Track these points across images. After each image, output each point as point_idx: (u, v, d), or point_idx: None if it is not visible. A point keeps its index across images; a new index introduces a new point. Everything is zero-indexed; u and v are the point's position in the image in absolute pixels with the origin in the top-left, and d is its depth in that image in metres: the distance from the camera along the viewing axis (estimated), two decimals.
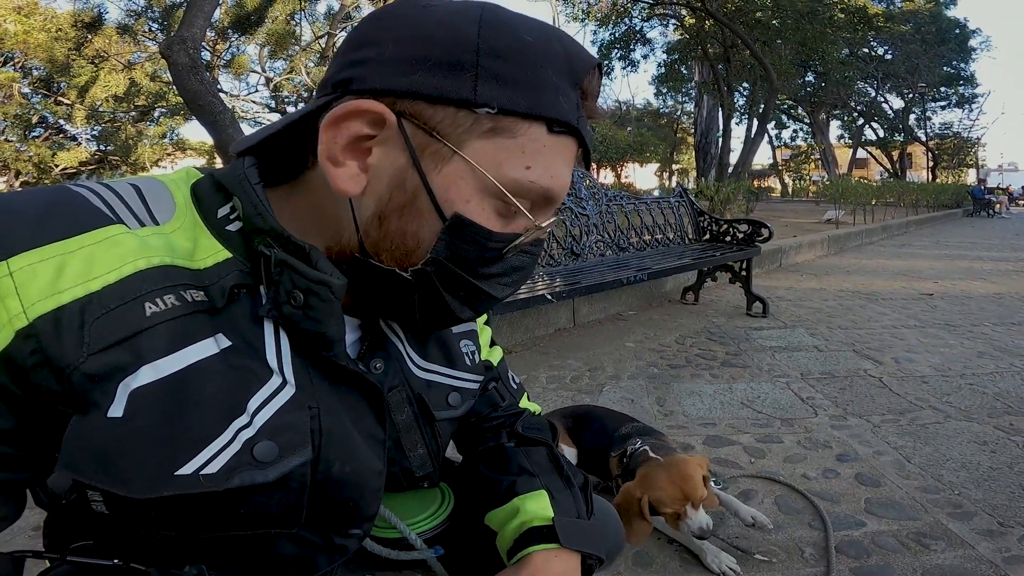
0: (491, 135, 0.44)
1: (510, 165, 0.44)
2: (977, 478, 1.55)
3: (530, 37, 0.45)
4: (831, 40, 11.60)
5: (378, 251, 0.46)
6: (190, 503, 0.42)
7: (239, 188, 0.46)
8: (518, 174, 0.45)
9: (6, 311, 0.36)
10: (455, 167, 0.44)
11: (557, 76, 0.45)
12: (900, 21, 19.04)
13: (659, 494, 1.14)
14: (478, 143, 0.44)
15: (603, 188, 3.41)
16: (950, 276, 5.15)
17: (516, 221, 0.48)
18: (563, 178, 0.48)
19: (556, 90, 0.44)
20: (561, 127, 0.45)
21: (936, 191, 15.75)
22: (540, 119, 0.44)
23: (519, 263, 0.51)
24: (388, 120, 0.43)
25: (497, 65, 0.43)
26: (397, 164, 0.44)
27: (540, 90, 0.44)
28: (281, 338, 0.47)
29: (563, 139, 0.46)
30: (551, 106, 0.44)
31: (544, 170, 0.46)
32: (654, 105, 26.91)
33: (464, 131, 0.43)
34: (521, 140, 0.44)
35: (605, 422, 1.48)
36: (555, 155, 0.46)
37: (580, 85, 0.46)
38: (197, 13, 3.39)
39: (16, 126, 11.60)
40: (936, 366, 2.52)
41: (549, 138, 0.45)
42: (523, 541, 0.61)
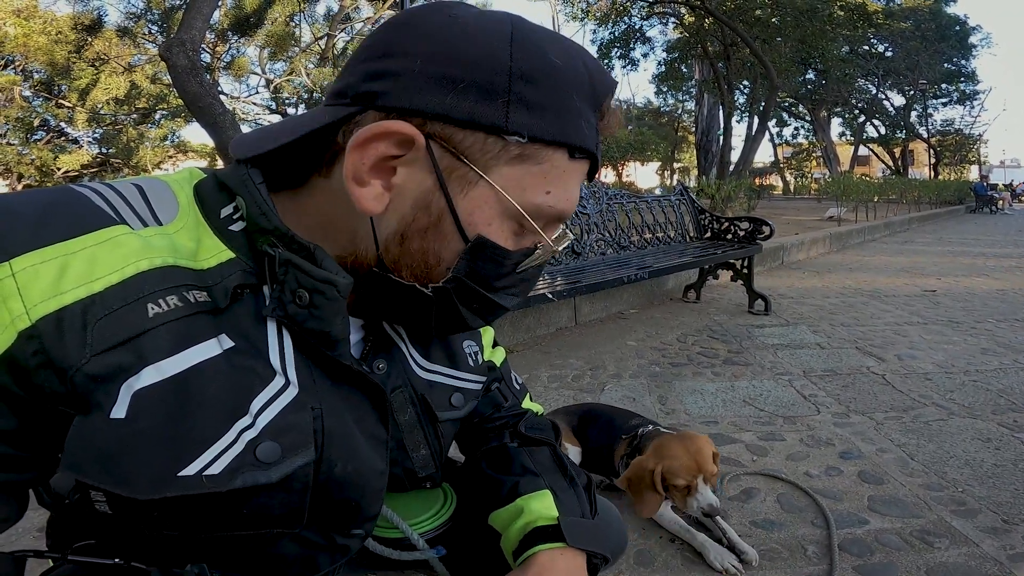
0: (518, 161, 0.45)
1: (533, 191, 0.46)
2: (981, 475, 1.54)
3: (559, 60, 0.45)
4: (831, 37, 11.58)
5: (398, 267, 0.47)
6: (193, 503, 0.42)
7: (243, 188, 0.46)
8: (540, 199, 0.46)
9: (8, 312, 0.36)
10: (481, 191, 0.45)
11: (581, 101, 0.46)
12: (900, 18, 19.00)
13: (673, 463, 1.14)
14: (505, 169, 0.45)
15: (604, 187, 3.41)
16: (953, 273, 5.13)
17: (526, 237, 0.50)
18: (576, 199, 0.50)
19: (580, 116, 0.46)
20: (582, 154, 0.47)
21: (938, 188, 15.71)
22: (564, 146, 0.45)
23: (528, 275, 0.52)
24: (417, 142, 0.43)
25: (528, 91, 0.43)
26: (423, 186, 0.45)
27: (566, 117, 0.45)
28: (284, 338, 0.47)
29: (581, 163, 0.48)
30: (575, 133, 0.45)
31: (562, 193, 0.47)
32: (655, 104, 26.87)
33: (492, 157, 0.44)
34: (545, 167, 0.46)
35: (613, 419, 1.48)
36: (572, 179, 0.48)
37: (600, 108, 0.48)
38: (196, 15, 3.39)
39: (18, 129, 11.63)
40: (939, 363, 2.51)
41: (569, 164, 0.47)
42: (528, 541, 0.61)
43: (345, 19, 14.48)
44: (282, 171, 0.50)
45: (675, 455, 1.15)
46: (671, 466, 1.14)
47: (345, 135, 0.45)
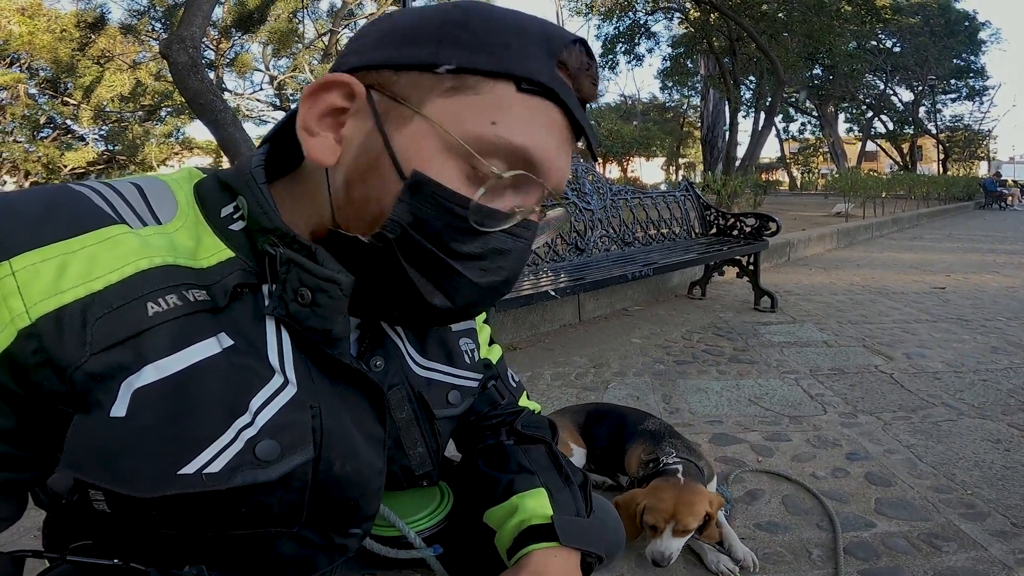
0: (452, 93, 0.43)
1: (473, 120, 0.43)
2: (991, 477, 1.52)
3: (498, 15, 0.45)
4: (838, 33, 11.49)
5: (347, 220, 0.46)
6: (192, 502, 0.42)
7: (245, 188, 0.47)
8: (483, 129, 0.43)
9: (8, 311, 0.37)
10: (417, 126, 0.43)
11: (528, 45, 0.44)
12: (908, 13, 18.87)
13: (654, 503, 1.14)
14: (439, 101, 0.43)
15: (608, 182, 3.39)
16: (962, 269, 5.09)
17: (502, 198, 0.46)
18: (544, 143, 0.45)
19: (526, 54, 0.43)
20: (532, 86, 0.43)
21: (947, 184, 15.62)
22: (506, 77, 0.43)
23: (501, 245, 0.46)
24: (357, 91, 0.45)
25: (461, 33, 0.43)
26: (365, 131, 0.45)
27: (506, 51, 0.43)
28: (283, 338, 0.47)
29: (536, 100, 0.44)
30: (517, 64, 0.43)
31: (516, 127, 0.43)
32: (660, 99, 26.83)
33: (425, 92, 0.43)
34: (486, 97, 0.43)
35: (625, 418, 1.47)
36: (529, 115, 0.44)
37: (558, 57, 0.45)
38: (196, 12, 3.39)
39: (24, 127, 11.71)
40: (948, 362, 2.49)
41: (519, 96, 0.43)
42: (522, 540, 0.61)
43: (348, 15, 14.48)
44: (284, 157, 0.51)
45: (661, 498, 1.14)
46: (652, 505, 1.14)
47: None
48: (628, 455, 1.37)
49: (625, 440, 1.40)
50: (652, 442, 1.34)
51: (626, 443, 1.39)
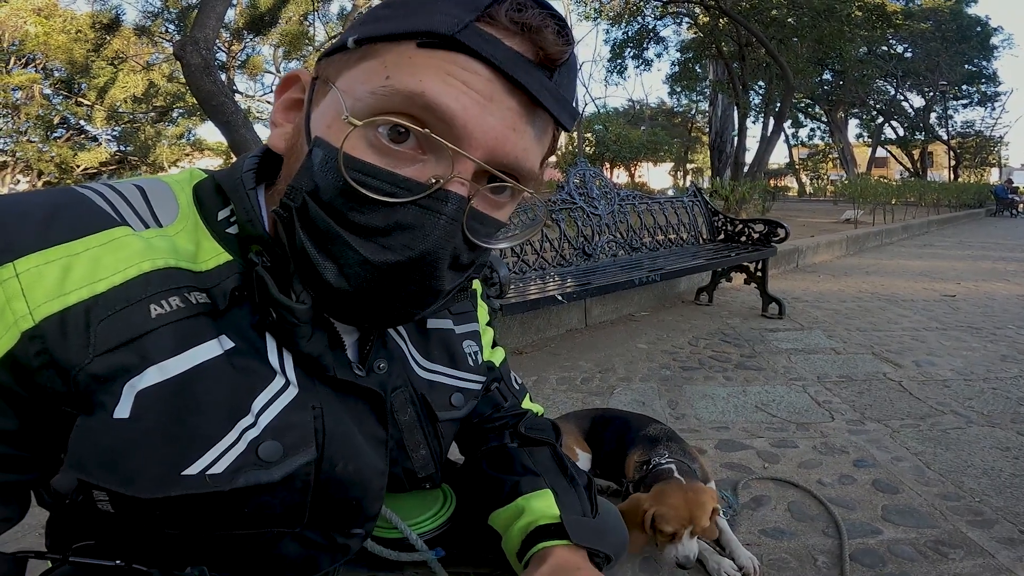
0: (358, 62, 0.43)
1: (370, 82, 0.42)
2: (999, 485, 1.51)
3: None
4: (848, 38, 11.41)
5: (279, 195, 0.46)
6: (195, 502, 0.42)
7: (235, 193, 0.47)
8: (374, 85, 0.41)
9: (12, 312, 0.37)
10: (328, 99, 0.44)
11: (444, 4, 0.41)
12: (919, 19, 18.72)
13: (666, 510, 1.14)
14: (348, 73, 0.44)
15: (615, 187, 3.39)
16: (973, 277, 5.04)
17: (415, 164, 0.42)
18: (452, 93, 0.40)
19: (434, 10, 0.41)
20: (432, 39, 0.40)
21: (958, 190, 15.44)
22: (405, 37, 0.41)
23: (408, 219, 0.41)
24: (304, 80, 0.48)
25: (380, 10, 0.45)
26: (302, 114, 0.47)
27: (411, 15, 0.42)
28: None
29: (444, 54, 0.40)
30: (419, 22, 0.41)
31: (409, 77, 0.40)
32: (668, 104, 26.73)
33: (340, 67, 0.44)
34: (384, 58, 0.42)
35: (629, 423, 1.47)
36: (430, 67, 0.40)
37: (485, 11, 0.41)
38: (209, 14, 3.42)
39: (38, 127, 11.85)
40: (958, 370, 2.46)
41: (420, 52, 0.41)
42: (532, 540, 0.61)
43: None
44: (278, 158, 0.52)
45: (672, 503, 1.14)
46: (664, 512, 1.14)
47: None
48: (627, 460, 1.37)
49: (627, 446, 1.40)
50: (648, 446, 1.35)
51: (628, 448, 1.39)
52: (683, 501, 1.14)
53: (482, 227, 0.46)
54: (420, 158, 0.42)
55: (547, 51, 0.42)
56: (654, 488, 1.20)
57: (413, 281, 0.43)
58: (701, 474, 1.31)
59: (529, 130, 0.44)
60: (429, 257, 0.42)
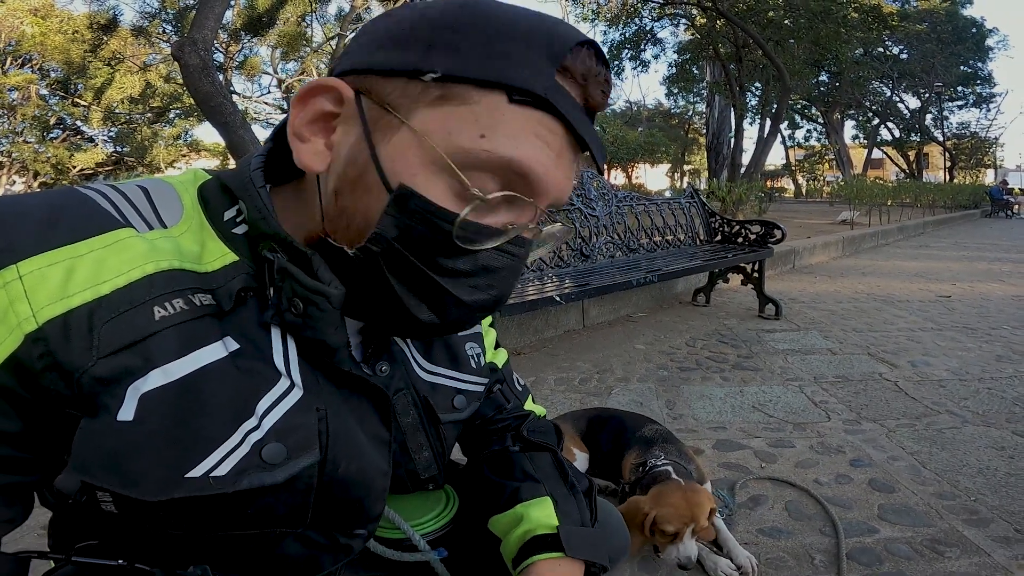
0: (440, 103, 0.41)
1: (460, 134, 0.40)
2: (994, 484, 1.52)
3: (499, 13, 0.42)
4: (845, 40, 11.44)
5: (335, 229, 0.45)
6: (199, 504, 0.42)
7: (244, 192, 0.47)
8: (470, 144, 0.40)
9: (16, 315, 0.37)
10: (403, 137, 0.42)
11: (526, 49, 0.41)
12: (915, 20, 18.81)
13: (667, 511, 1.14)
14: (426, 112, 0.41)
15: (613, 189, 3.39)
16: (968, 278, 5.06)
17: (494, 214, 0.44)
18: (537, 157, 0.42)
19: (521, 61, 0.40)
20: (525, 96, 0.40)
21: (953, 191, 15.52)
22: (496, 86, 0.40)
23: (491, 262, 0.44)
24: (346, 96, 0.44)
25: (453, 37, 0.41)
26: (353, 139, 0.44)
27: (497, 58, 0.40)
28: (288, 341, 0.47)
29: (531, 111, 0.41)
30: (511, 72, 0.40)
31: (506, 140, 0.41)
32: (665, 105, 26.81)
33: (412, 101, 0.41)
34: (474, 108, 0.40)
35: (624, 423, 1.47)
36: (521, 128, 0.41)
37: (561, 62, 0.41)
38: (207, 15, 3.41)
39: (34, 127, 11.78)
40: (953, 370, 2.48)
41: (511, 108, 0.40)
42: (527, 550, 0.61)
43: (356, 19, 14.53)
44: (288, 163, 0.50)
45: (672, 503, 1.15)
46: (665, 513, 1.15)
47: None
48: (623, 462, 1.38)
49: (624, 446, 1.40)
50: (644, 447, 1.35)
51: (624, 449, 1.39)
52: (683, 502, 1.15)
53: None
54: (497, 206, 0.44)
55: (596, 102, 0.45)
56: (652, 490, 1.20)
57: (488, 311, 0.48)
58: (697, 475, 1.32)
59: (574, 175, 0.47)
60: (507, 293, 0.48)
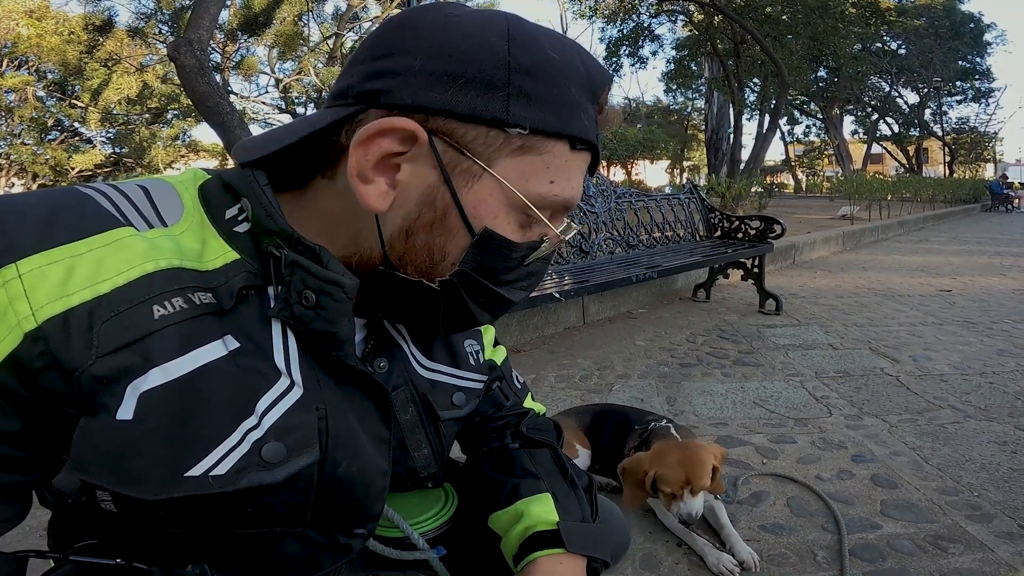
0: (520, 153, 0.45)
1: (536, 181, 0.46)
2: (997, 479, 1.51)
3: (555, 54, 0.46)
4: (843, 35, 11.43)
5: (403, 264, 0.47)
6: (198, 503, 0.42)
7: (248, 189, 0.47)
8: (543, 189, 0.46)
9: (15, 313, 0.37)
10: (486, 184, 0.45)
11: (579, 93, 0.46)
12: (913, 15, 18.81)
13: (666, 471, 1.16)
14: (508, 161, 0.45)
15: (612, 185, 3.39)
16: (969, 272, 5.06)
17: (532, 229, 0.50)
18: (579, 188, 0.50)
19: (579, 108, 0.46)
20: (583, 145, 0.47)
21: (953, 186, 15.53)
22: (565, 137, 0.46)
23: (535, 268, 0.52)
24: (420, 138, 0.43)
25: (527, 83, 0.44)
26: (428, 181, 0.44)
27: (566, 109, 0.45)
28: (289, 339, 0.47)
29: (583, 155, 0.48)
30: (576, 125, 0.46)
31: (566, 183, 0.48)
32: (664, 102, 26.79)
33: (495, 150, 0.44)
34: (547, 157, 0.46)
35: (628, 417, 1.48)
36: (575, 169, 0.48)
37: (598, 100, 0.48)
38: (203, 15, 3.40)
39: (32, 129, 11.78)
40: (955, 364, 2.48)
41: (571, 154, 0.47)
42: (528, 546, 0.61)
43: (353, 18, 14.53)
44: (286, 173, 0.50)
45: (670, 463, 1.17)
46: (663, 473, 1.17)
47: (348, 134, 0.45)
48: (625, 450, 1.38)
49: (626, 437, 1.41)
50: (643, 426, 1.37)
51: (625, 440, 1.40)
52: (680, 461, 1.17)
53: None
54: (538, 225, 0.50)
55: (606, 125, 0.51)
56: (653, 447, 1.21)
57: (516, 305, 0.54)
58: None
59: None
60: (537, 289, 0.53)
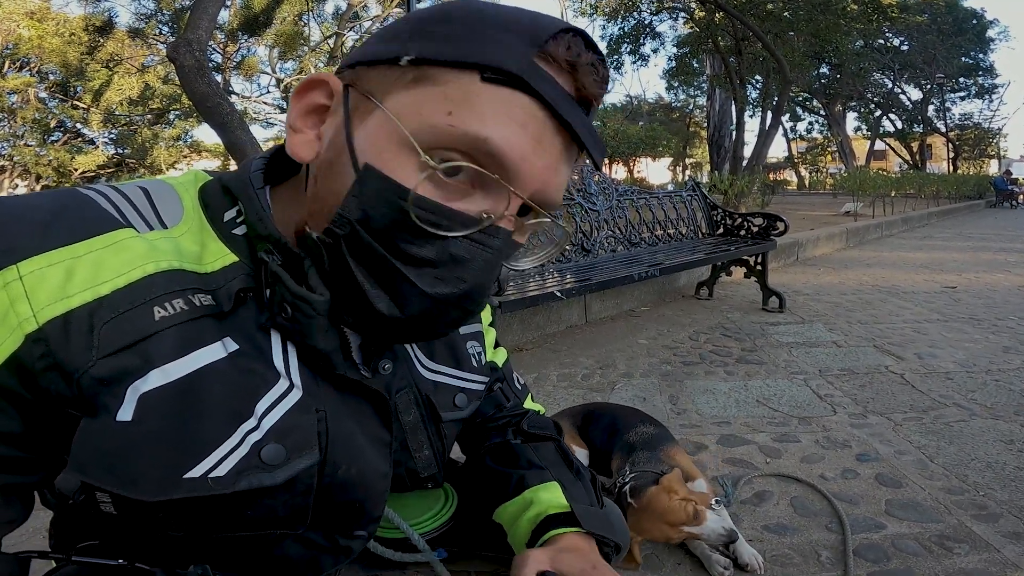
0: (414, 85, 0.41)
1: (430, 111, 0.40)
2: (1003, 478, 1.50)
3: (487, 8, 0.43)
4: (845, 31, 11.39)
5: (312, 214, 0.45)
6: (198, 505, 0.42)
7: (243, 193, 0.47)
8: (438, 119, 0.40)
9: (16, 315, 0.37)
10: (376, 119, 0.42)
11: (504, 33, 0.41)
12: (915, 12, 18.73)
13: (655, 535, 1.14)
14: (400, 94, 0.41)
15: (614, 183, 3.38)
16: (973, 268, 5.03)
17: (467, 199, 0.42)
18: (511, 136, 0.40)
19: (497, 43, 0.40)
20: (498, 75, 0.40)
21: (957, 182, 15.48)
22: (470, 67, 0.40)
23: (460, 252, 0.42)
24: (335, 88, 0.45)
25: (435, 26, 0.42)
26: (336, 126, 0.44)
27: (473, 42, 0.40)
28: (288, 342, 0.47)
29: (505, 91, 0.40)
30: (484, 53, 0.40)
31: (473, 116, 0.40)
32: (666, 99, 26.73)
33: (389, 85, 0.42)
34: (446, 88, 0.40)
35: (617, 420, 1.46)
36: (494, 107, 0.40)
37: (543, 48, 0.41)
38: (202, 15, 3.41)
39: (35, 130, 11.82)
40: (960, 362, 2.46)
41: (483, 87, 0.40)
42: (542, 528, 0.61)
43: (354, 18, 14.53)
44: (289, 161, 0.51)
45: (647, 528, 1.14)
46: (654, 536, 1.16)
47: None
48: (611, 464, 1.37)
49: (612, 448, 1.40)
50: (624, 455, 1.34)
51: (613, 450, 1.39)
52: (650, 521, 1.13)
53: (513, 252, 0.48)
54: (470, 192, 0.43)
55: (589, 91, 0.43)
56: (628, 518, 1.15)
57: (460, 309, 0.45)
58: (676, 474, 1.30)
59: (565, 169, 0.45)
60: (477, 288, 0.44)
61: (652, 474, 1.22)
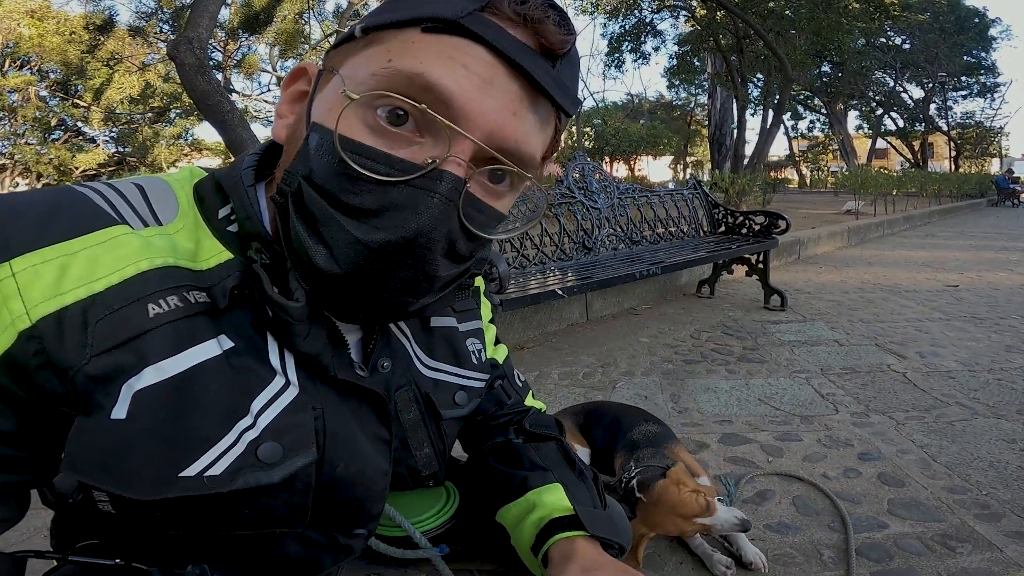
0: (364, 49, 0.44)
1: (373, 65, 0.42)
2: (1006, 478, 1.50)
3: None
4: (846, 30, 11.37)
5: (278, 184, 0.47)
6: (195, 504, 0.42)
7: (233, 190, 0.47)
8: (377, 67, 0.41)
9: (9, 312, 0.37)
10: (331, 84, 0.45)
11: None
12: (917, 10, 18.70)
13: (668, 528, 1.13)
14: (353, 59, 0.44)
15: (615, 181, 3.38)
16: (976, 267, 5.02)
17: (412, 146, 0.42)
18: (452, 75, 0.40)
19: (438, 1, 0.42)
20: (436, 23, 0.41)
21: (959, 181, 15.45)
22: (411, 22, 0.42)
23: (401, 200, 0.41)
24: (311, 73, 0.48)
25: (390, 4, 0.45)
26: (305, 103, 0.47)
27: (418, 5, 0.42)
28: None
29: (447, 38, 0.41)
30: (425, 9, 0.41)
31: (408, 58, 0.41)
32: (667, 98, 26.69)
33: (345, 56, 0.45)
34: (390, 44, 0.42)
35: (619, 419, 1.45)
36: (433, 49, 0.41)
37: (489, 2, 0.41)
38: (202, 13, 3.41)
39: (36, 129, 11.85)
40: (962, 360, 2.45)
41: (423, 36, 0.41)
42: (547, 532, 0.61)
43: (354, 15, 14.51)
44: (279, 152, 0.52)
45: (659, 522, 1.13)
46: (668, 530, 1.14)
47: None
48: (614, 463, 1.37)
49: (615, 448, 1.39)
50: (628, 453, 1.33)
51: (615, 450, 1.38)
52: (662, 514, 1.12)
53: (480, 215, 0.45)
54: (417, 140, 0.42)
55: (549, 41, 0.42)
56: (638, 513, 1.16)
57: (405, 264, 0.42)
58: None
59: (530, 116, 0.43)
60: (421, 237, 0.41)
61: (658, 468, 1.21)
